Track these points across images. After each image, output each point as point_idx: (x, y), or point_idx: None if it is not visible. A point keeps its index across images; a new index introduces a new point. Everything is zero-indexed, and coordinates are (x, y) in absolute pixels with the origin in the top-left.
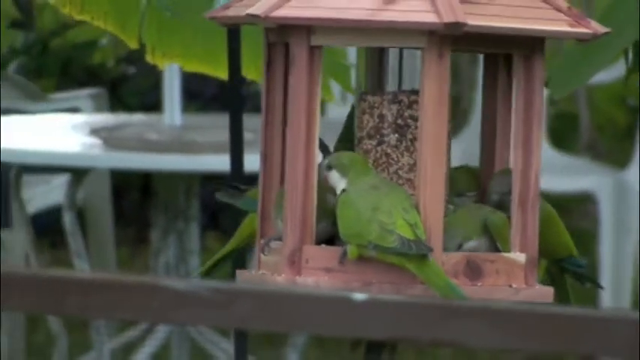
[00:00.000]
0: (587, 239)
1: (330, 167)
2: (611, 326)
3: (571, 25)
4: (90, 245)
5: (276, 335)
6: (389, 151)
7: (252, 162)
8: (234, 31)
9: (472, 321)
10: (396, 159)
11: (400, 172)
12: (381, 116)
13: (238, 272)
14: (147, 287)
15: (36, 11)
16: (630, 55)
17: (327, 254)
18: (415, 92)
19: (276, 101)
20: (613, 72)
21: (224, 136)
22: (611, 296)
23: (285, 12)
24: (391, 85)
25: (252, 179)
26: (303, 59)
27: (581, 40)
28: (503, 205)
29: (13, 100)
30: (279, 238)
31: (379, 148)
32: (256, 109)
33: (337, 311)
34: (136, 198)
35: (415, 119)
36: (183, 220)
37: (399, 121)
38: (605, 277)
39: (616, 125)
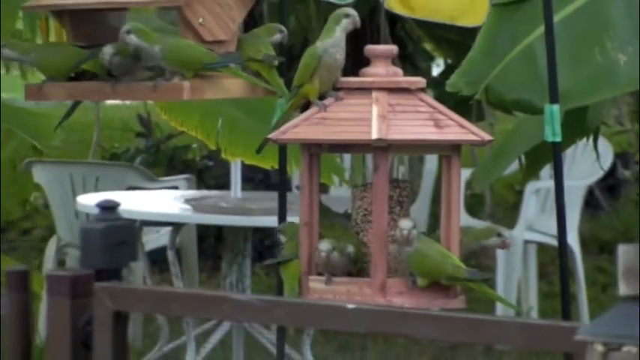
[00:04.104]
0: (488, 271)
1: (414, 227)
2: (503, 325)
3: (473, 135)
4: (183, 271)
5: (297, 328)
6: (395, 217)
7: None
8: (283, 146)
9: (418, 322)
10: (398, 222)
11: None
12: (390, 197)
13: (306, 299)
14: (219, 298)
15: (152, 126)
16: (523, 159)
17: (399, 283)
18: (405, 181)
19: (314, 191)
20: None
21: (268, 204)
22: (503, 307)
23: (395, 136)
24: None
25: None
26: (385, 164)
27: (477, 144)
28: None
29: (138, 181)
30: (333, 274)
31: (388, 217)
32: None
33: (336, 314)
34: (212, 242)
35: (407, 197)
36: (241, 256)
37: (400, 199)
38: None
39: (507, 202)
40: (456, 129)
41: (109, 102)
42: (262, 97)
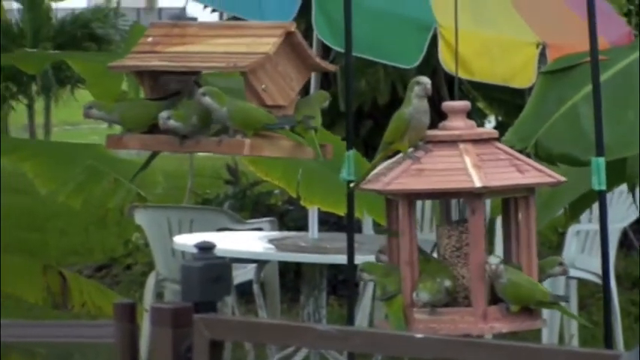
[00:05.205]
0: None
1: (501, 262)
2: (556, 354)
3: (550, 177)
4: (267, 303)
5: (368, 354)
6: None
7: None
8: (351, 192)
9: (480, 349)
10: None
11: None
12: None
13: (416, 330)
14: (302, 328)
15: (239, 175)
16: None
17: (495, 310)
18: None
19: (413, 234)
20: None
21: (341, 244)
22: (547, 336)
23: (492, 183)
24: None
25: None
26: (481, 208)
27: (553, 185)
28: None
29: (227, 223)
30: (433, 306)
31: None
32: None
33: (407, 343)
34: (292, 277)
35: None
36: (318, 290)
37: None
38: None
39: (551, 242)
40: (534, 172)
41: (201, 153)
42: (312, 157)
